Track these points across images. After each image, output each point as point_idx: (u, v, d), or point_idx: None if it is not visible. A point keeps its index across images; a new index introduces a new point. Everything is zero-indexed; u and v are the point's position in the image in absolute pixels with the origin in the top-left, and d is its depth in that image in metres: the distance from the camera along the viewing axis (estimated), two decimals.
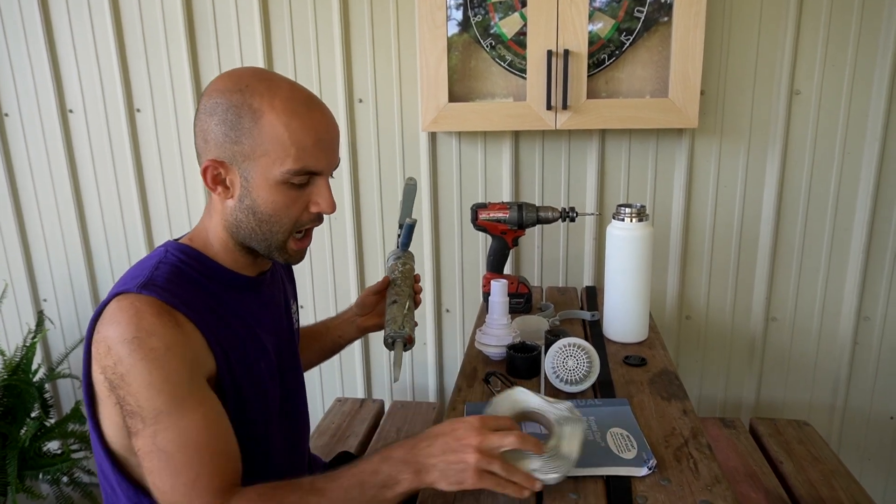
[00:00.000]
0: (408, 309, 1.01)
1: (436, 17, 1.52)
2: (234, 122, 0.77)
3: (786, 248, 1.64)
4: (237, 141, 0.78)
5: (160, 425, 0.72)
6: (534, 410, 0.84)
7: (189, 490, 0.72)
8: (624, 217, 1.22)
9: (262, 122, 0.76)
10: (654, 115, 1.50)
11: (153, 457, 0.73)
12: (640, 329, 1.27)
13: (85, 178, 1.89)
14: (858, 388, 1.70)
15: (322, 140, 0.80)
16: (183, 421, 0.73)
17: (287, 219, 0.82)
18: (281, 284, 1.02)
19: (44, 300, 2.03)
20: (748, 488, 1.28)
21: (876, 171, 1.55)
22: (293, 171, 0.78)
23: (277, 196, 0.80)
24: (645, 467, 0.82)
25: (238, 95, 0.77)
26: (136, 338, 0.71)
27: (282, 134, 0.77)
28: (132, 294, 0.74)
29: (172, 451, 0.72)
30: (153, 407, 0.72)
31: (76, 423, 1.88)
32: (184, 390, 0.73)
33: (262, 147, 0.77)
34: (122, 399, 0.73)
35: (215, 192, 0.82)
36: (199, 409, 0.74)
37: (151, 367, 0.71)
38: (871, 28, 1.49)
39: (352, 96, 1.71)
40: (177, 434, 0.72)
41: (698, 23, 1.44)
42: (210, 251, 0.86)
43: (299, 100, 0.79)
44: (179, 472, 0.72)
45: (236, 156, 0.79)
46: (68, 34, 1.79)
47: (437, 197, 1.75)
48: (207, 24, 1.72)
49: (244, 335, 0.86)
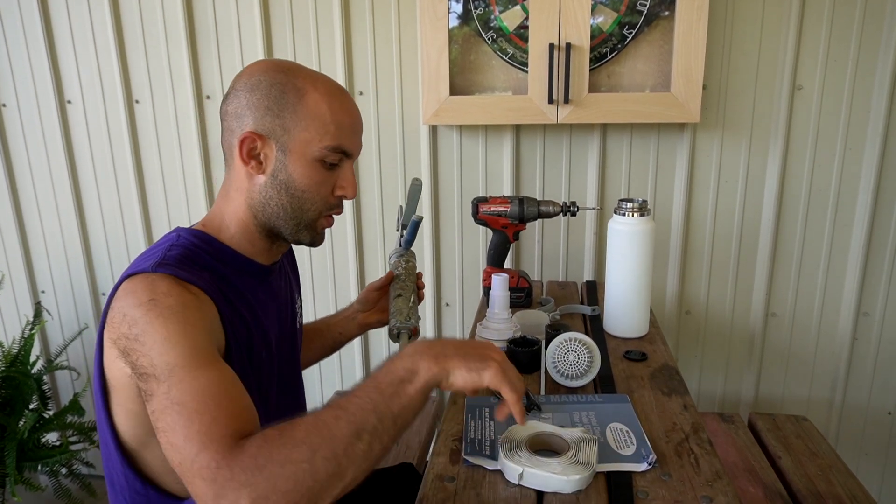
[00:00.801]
0: (412, 303, 1.03)
1: (437, 10, 1.51)
2: (278, 97, 0.81)
3: (786, 243, 1.64)
4: (279, 115, 0.81)
5: (174, 378, 0.67)
6: (550, 433, 0.85)
7: (203, 436, 0.64)
8: (625, 212, 1.22)
9: (307, 99, 0.81)
10: (655, 109, 1.50)
11: (168, 413, 0.66)
12: (640, 324, 1.27)
13: (83, 169, 1.88)
14: (857, 383, 1.71)
15: (356, 124, 0.86)
16: (198, 372, 0.68)
17: (318, 196, 0.85)
18: (287, 278, 1.02)
19: (42, 292, 2.02)
20: (746, 483, 1.28)
21: (877, 167, 1.55)
22: (331, 148, 0.82)
23: (313, 172, 0.83)
24: (644, 463, 0.82)
25: (282, 75, 0.81)
26: (151, 300, 0.70)
27: (325, 112, 0.81)
28: (146, 273, 0.74)
29: (187, 401, 0.66)
30: (167, 362, 0.68)
31: (75, 414, 1.87)
32: (199, 346, 0.70)
33: (304, 122, 0.81)
34: (136, 364, 0.69)
35: (248, 165, 0.83)
36: (215, 365, 0.70)
37: (167, 322, 0.69)
38: (874, 24, 1.48)
39: (352, 89, 1.71)
40: (191, 385, 0.67)
41: (701, 17, 1.43)
42: (224, 235, 0.86)
43: (337, 87, 0.85)
44: (193, 420, 0.65)
45: (276, 129, 0.81)
46: (67, 24, 1.77)
47: (437, 190, 1.74)
48: (207, 16, 1.71)
49: (250, 322, 0.86)
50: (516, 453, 0.81)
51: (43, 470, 1.79)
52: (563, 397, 1.02)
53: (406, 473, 1.21)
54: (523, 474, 0.78)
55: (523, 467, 0.78)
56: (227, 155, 0.86)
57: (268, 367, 0.90)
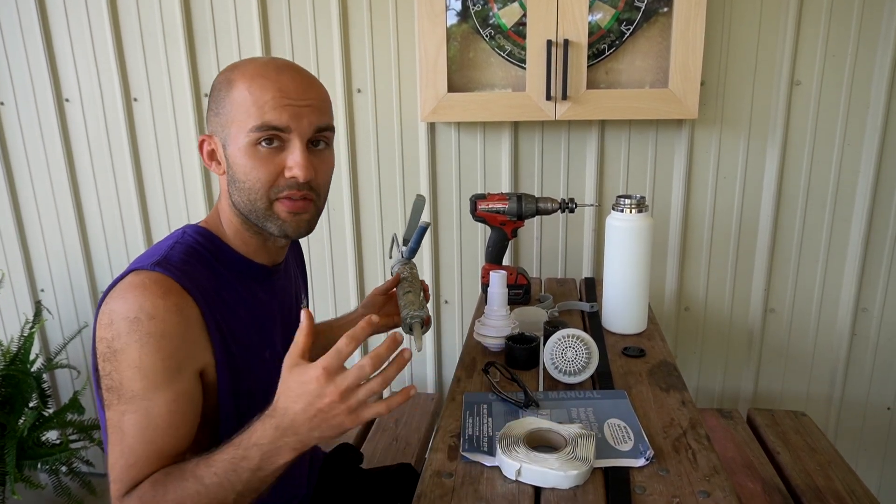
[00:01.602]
0: (421, 299, 1.07)
1: (435, 7, 1.51)
2: (216, 96, 0.83)
3: (785, 238, 1.64)
4: (217, 112, 0.83)
5: (130, 406, 0.74)
6: (548, 429, 0.86)
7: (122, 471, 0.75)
8: (623, 208, 1.22)
9: (233, 90, 0.80)
10: (654, 105, 1.49)
11: (113, 431, 0.75)
12: (638, 320, 1.27)
13: (82, 167, 1.88)
14: (855, 378, 1.71)
15: (287, 97, 0.79)
16: (151, 411, 0.74)
17: (258, 182, 0.81)
18: (293, 278, 1.02)
19: (41, 290, 2.02)
20: (745, 478, 1.29)
21: (876, 162, 1.55)
22: (254, 128, 0.79)
23: (248, 159, 0.81)
24: (642, 458, 0.82)
25: (224, 74, 0.83)
26: (136, 318, 0.72)
27: (246, 96, 0.79)
28: (145, 271, 0.75)
29: (128, 433, 0.74)
30: (131, 388, 0.74)
31: (75, 412, 1.87)
32: (164, 379, 0.74)
33: (232, 113, 0.80)
34: (108, 373, 0.75)
35: (210, 167, 0.87)
36: (171, 402, 0.75)
37: (143, 352, 0.73)
38: (873, 19, 1.48)
39: (350, 86, 1.70)
40: (139, 420, 0.74)
41: (699, 13, 1.43)
42: (223, 235, 0.87)
43: (272, 66, 0.81)
44: (125, 453, 0.75)
45: (217, 127, 0.83)
46: (64, 22, 1.77)
47: (435, 188, 1.74)
48: (205, 14, 1.71)
49: (250, 324, 0.86)
50: (514, 449, 0.81)
51: (43, 468, 1.80)
52: (561, 394, 1.02)
53: (405, 473, 1.22)
54: (521, 470, 0.78)
55: (521, 463, 0.78)
56: None
57: (273, 367, 0.90)
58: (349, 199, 1.77)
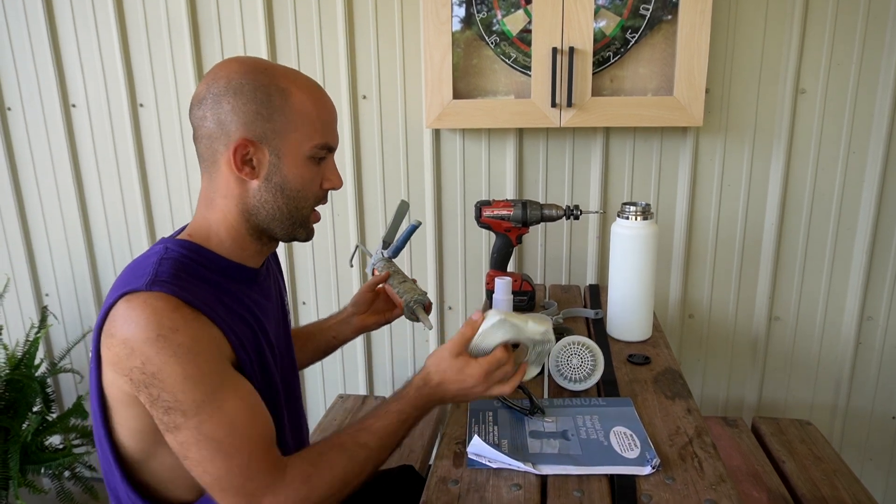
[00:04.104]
0: (417, 285, 1.12)
1: (440, 14, 1.51)
2: (265, 101, 0.80)
3: (789, 247, 1.64)
4: (269, 118, 0.80)
5: (203, 415, 0.73)
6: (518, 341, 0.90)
7: (245, 470, 0.74)
8: (629, 215, 1.22)
9: (292, 100, 0.81)
10: (658, 113, 1.50)
11: (201, 446, 0.73)
12: (643, 327, 1.27)
13: (87, 173, 1.89)
14: (861, 387, 1.70)
15: (335, 118, 0.88)
16: (225, 406, 0.74)
17: (311, 193, 0.87)
18: (274, 277, 1.02)
19: (46, 294, 2.03)
20: (750, 487, 1.28)
21: (881, 171, 1.55)
22: (320, 145, 0.84)
23: (305, 171, 0.84)
24: (648, 466, 0.82)
25: (264, 76, 0.80)
26: (160, 336, 0.71)
27: (310, 110, 0.82)
28: (142, 293, 0.72)
29: (221, 437, 0.73)
30: (193, 399, 0.72)
31: (78, 417, 1.88)
32: (219, 378, 0.75)
33: (293, 123, 0.81)
34: (156, 398, 0.72)
35: (241, 172, 0.81)
36: (237, 393, 0.76)
37: (185, 362, 0.71)
38: (877, 27, 1.48)
39: (356, 92, 1.71)
40: (222, 421, 0.73)
41: (704, 21, 1.43)
42: (212, 243, 0.85)
43: (315, 84, 0.86)
44: (232, 456, 0.74)
45: (268, 133, 0.81)
46: (71, 28, 1.78)
47: (440, 194, 1.74)
48: (211, 20, 1.72)
49: (254, 326, 0.86)
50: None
51: (46, 473, 1.80)
52: (566, 401, 1.02)
53: (407, 475, 1.21)
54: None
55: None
56: (207, 162, 0.84)
57: (274, 366, 0.90)
58: (354, 204, 1.77)
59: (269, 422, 0.80)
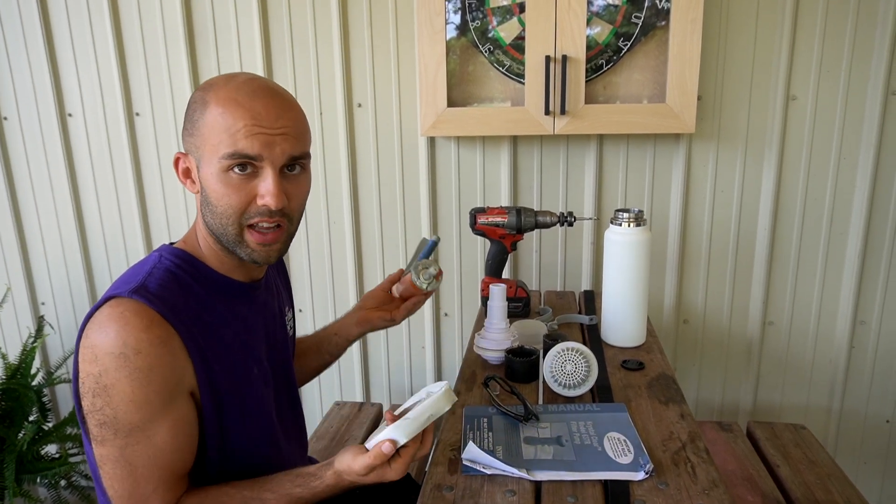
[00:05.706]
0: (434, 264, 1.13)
1: (434, 23, 1.53)
2: (191, 115, 0.82)
3: (782, 252, 1.65)
4: (192, 132, 0.81)
5: (132, 439, 0.76)
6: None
7: (145, 500, 0.78)
8: (622, 222, 1.23)
9: (207, 112, 0.79)
10: (651, 120, 1.51)
11: (118, 465, 0.77)
12: (638, 333, 1.28)
13: (84, 182, 1.89)
14: (854, 391, 1.71)
15: (260, 125, 0.78)
16: (155, 438, 0.77)
17: (230, 209, 0.80)
18: (275, 291, 1.02)
19: (42, 303, 2.03)
20: (745, 491, 1.29)
21: (871, 176, 1.56)
22: (226, 155, 0.78)
23: (220, 185, 0.79)
24: (642, 471, 0.82)
25: (200, 92, 0.82)
26: (122, 354, 0.73)
27: (219, 121, 0.78)
28: (124, 300, 0.75)
29: (138, 464, 0.77)
30: (129, 421, 0.75)
31: (74, 427, 1.87)
32: (160, 408, 0.76)
33: (205, 135, 0.79)
34: (98, 408, 0.75)
35: (185, 184, 0.86)
36: (172, 427, 0.78)
37: (136, 386, 0.74)
38: (866, 35, 1.50)
39: (351, 101, 1.72)
40: (146, 451, 0.77)
41: (695, 28, 1.45)
42: (200, 254, 0.87)
43: (246, 90, 0.79)
44: (139, 483, 0.77)
45: (191, 147, 0.82)
46: (68, 38, 1.79)
47: (435, 201, 1.75)
48: (207, 30, 1.73)
49: (232, 343, 0.86)
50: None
51: (42, 482, 1.79)
52: (560, 407, 1.02)
53: (402, 482, 1.21)
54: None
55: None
56: None
57: (262, 383, 0.91)
58: (349, 212, 1.78)
59: (190, 457, 0.82)
